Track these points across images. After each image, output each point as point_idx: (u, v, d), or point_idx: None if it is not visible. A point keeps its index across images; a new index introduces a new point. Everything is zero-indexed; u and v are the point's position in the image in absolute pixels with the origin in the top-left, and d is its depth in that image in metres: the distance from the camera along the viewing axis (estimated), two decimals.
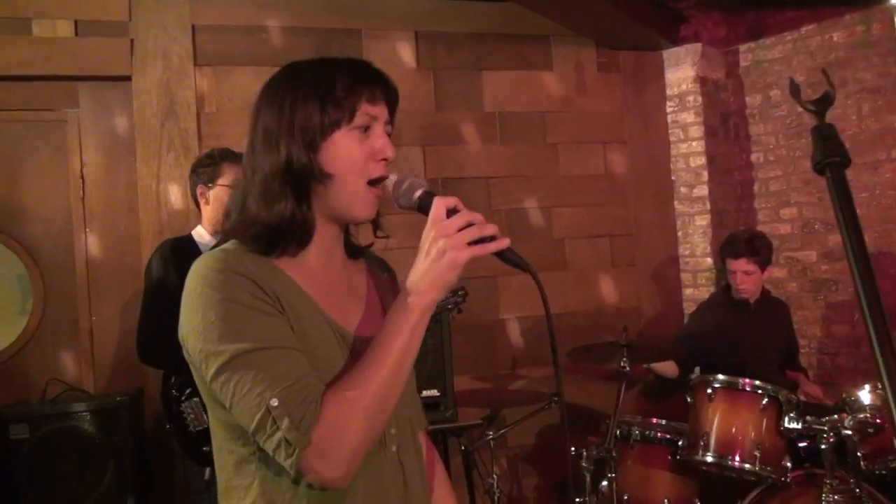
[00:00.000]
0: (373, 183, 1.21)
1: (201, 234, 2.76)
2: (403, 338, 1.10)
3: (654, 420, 3.29)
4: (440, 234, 1.09)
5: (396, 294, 1.17)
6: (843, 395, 2.73)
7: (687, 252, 4.44)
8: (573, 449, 3.07)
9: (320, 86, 1.18)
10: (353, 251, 1.35)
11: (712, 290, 4.32)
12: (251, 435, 1.08)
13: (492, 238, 1.10)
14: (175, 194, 3.47)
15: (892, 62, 3.96)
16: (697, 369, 3.52)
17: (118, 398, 3.11)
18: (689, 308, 4.37)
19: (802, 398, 3.51)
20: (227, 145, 3.41)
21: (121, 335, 3.47)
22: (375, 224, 1.30)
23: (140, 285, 3.33)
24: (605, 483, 2.89)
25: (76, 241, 3.50)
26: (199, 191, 2.73)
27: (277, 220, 1.16)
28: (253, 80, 3.64)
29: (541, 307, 1.16)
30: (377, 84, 1.22)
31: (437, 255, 1.09)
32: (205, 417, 2.52)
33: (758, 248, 3.46)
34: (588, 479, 2.97)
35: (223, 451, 1.19)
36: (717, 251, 4.30)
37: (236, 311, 1.09)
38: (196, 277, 1.13)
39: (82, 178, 3.51)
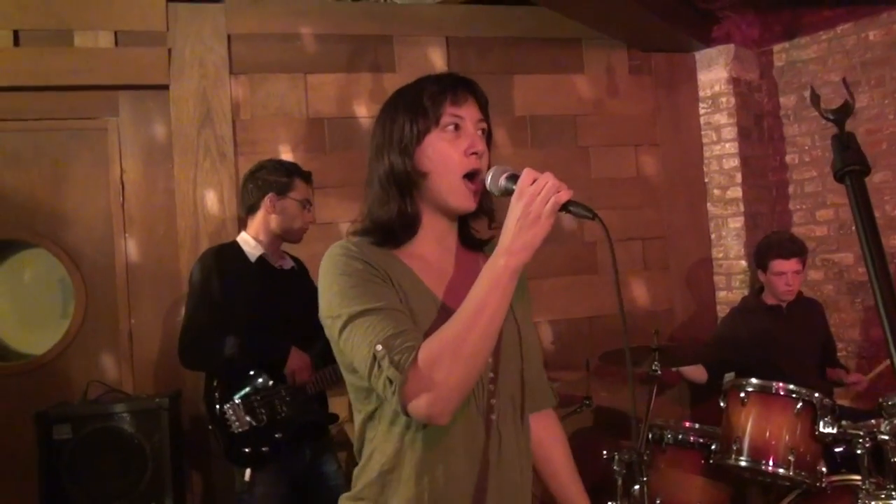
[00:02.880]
0: (468, 176, 1.37)
1: (247, 240, 2.74)
2: (495, 296, 1.22)
3: (687, 423, 3.27)
4: (529, 198, 1.22)
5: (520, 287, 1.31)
6: (880, 400, 2.68)
7: (720, 255, 4.40)
8: (605, 452, 3.07)
9: (412, 100, 1.39)
10: (472, 242, 1.50)
11: (746, 292, 4.28)
12: (366, 378, 1.25)
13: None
14: (211, 200, 3.55)
15: None
16: (731, 374, 3.48)
17: (157, 400, 3.18)
18: (722, 311, 4.33)
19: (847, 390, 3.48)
20: (261, 152, 3.52)
21: (159, 338, 3.56)
22: (490, 217, 1.46)
23: (178, 289, 3.45)
24: (636, 487, 2.88)
25: (116, 245, 3.59)
26: (269, 199, 2.71)
27: (388, 216, 1.38)
28: (287, 87, 3.72)
29: (568, 311, 1.21)
30: (460, 88, 1.39)
31: (526, 217, 1.21)
32: (247, 419, 2.57)
33: (805, 248, 3.45)
34: (620, 482, 2.96)
35: (356, 412, 1.40)
36: (750, 254, 4.26)
37: (352, 282, 1.30)
38: (325, 263, 1.36)
39: (122, 184, 3.60)
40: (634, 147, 4.30)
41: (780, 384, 2.71)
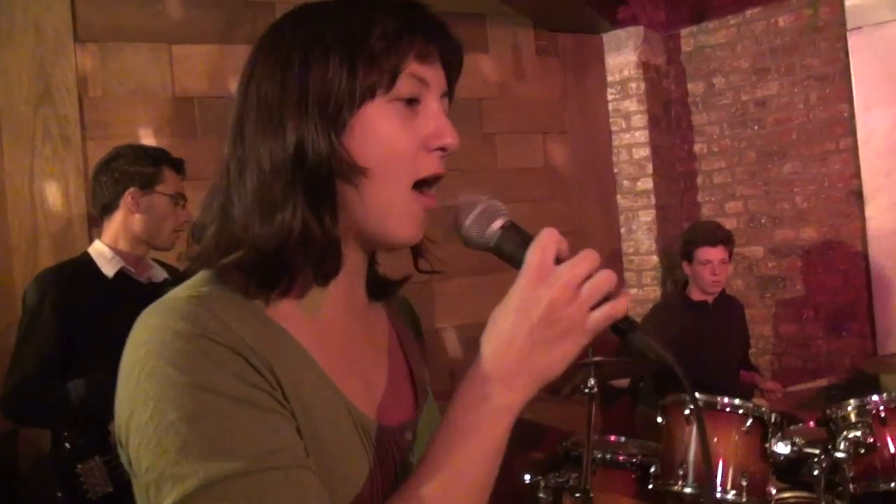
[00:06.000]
0: (422, 185, 0.82)
1: (101, 251, 2.20)
2: (485, 466, 0.73)
3: (613, 438, 2.99)
4: (563, 301, 0.72)
5: (421, 356, 0.84)
6: (827, 412, 2.48)
7: (631, 250, 4.17)
8: (527, 477, 2.73)
9: (348, 33, 0.78)
10: (379, 289, 0.94)
11: (657, 290, 4.07)
12: None
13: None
14: (53, 193, 2.91)
15: (840, 48, 3.79)
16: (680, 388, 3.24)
17: None
18: (633, 310, 4.10)
19: (760, 397, 3.32)
20: (116, 136, 2.91)
21: None
22: (416, 251, 0.91)
23: (11, 305, 2.79)
24: None
25: None
26: (130, 195, 2.19)
27: (280, 238, 0.76)
28: (147, 58, 3.11)
29: (477, 315, 0.76)
30: (432, 34, 0.81)
31: (552, 324, 0.72)
32: (109, 480, 2.03)
33: (731, 237, 3.31)
34: None
35: None
36: (662, 248, 4.06)
37: (212, 406, 0.68)
38: (147, 343, 0.71)
39: None
40: (542, 135, 3.98)
41: (727, 400, 2.44)
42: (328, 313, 0.83)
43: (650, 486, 2.55)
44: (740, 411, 2.42)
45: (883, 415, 2.43)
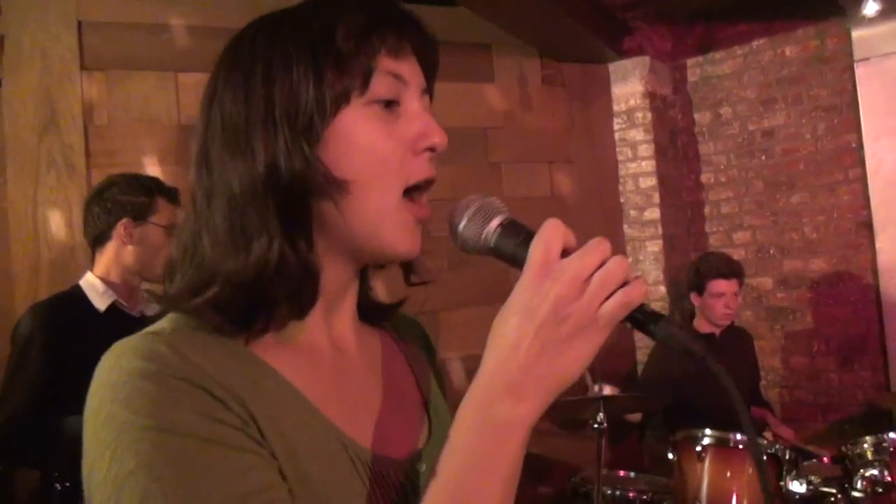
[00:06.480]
0: (413, 192, 0.75)
1: (93, 284, 2.13)
2: (500, 492, 0.64)
3: (623, 473, 2.92)
4: (571, 296, 0.63)
5: (438, 382, 0.78)
6: (843, 448, 2.42)
7: None
8: None
9: (310, 36, 0.71)
10: (374, 312, 0.88)
11: None
12: None
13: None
14: (56, 223, 2.88)
15: (847, 79, 3.78)
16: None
17: None
18: (640, 341, 4.05)
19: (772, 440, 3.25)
20: (121, 164, 2.89)
21: None
22: (407, 265, 0.83)
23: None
24: None
25: None
26: (123, 225, 2.12)
27: (257, 271, 0.69)
28: (153, 86, 3.10)
29: (483, 346, 0.68)
30: (404, 28, 0.75)
31: (560, 324, 0.63)
32: None
33: (743, 270, 3.30)
34: None
35: None
36: (669, 279, 4.01)
37: (174, 448, 0.61)
38: (101, 389, 0.64)
39: None
40: (548, 164, 3.96)
41: (738, 436, 2.38)
42: (317, 342, 0.77)
43: None
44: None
45: None
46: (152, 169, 2.96)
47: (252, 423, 0.65)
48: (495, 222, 0.72)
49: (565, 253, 0.66)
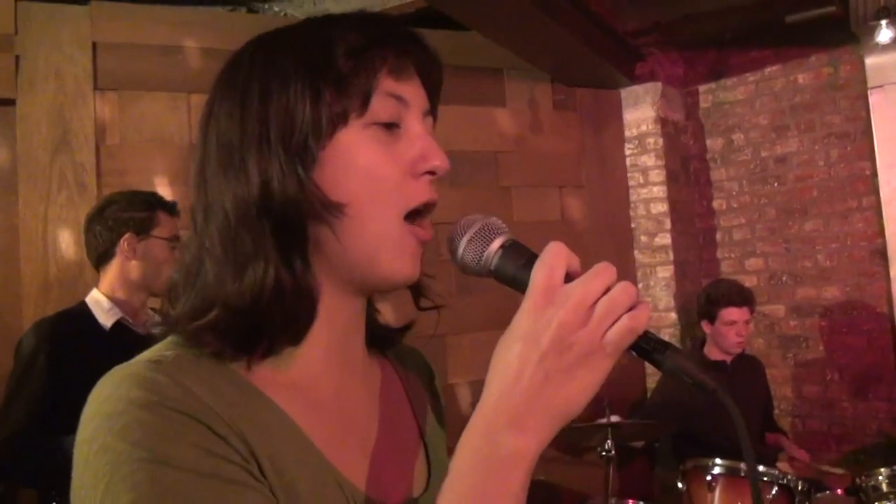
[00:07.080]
0: (415, 216, 0.73)
1: (98, 301, 2.13)
2: None
3: (632, 502, 2.87)
4: (576, 323, 0.61)
5: (437, 418, 0.75)
6: (857, 481, 2.37)
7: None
8: None
9: (309, 55, 0.69)
10: (380, 338, 0.85)
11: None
12: None
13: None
14: (66, 241, 2.89)
15: (861, 106, 3.76)
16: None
17: None
18: (650, 367, 4.00)
19: (786, 465, 3.19)
20: (132, 183, 2.89)
21: None
22: (415, 289, 0.81)
23: None
24: None
25: None
26: (126, 241, 2.13)
27: (254, 295, 0.67)
28: (165, 107, 3.12)
29: None
30: (406, 46, 0.73)
31: (564, 352, 0.61)
32: None
33: (754, 297, 3.26)
34: None
35: None
36: (680, 305, 3.97)
37: (171, 483, 0.58)
38: (96, 417, 0.61)
39: None
40: (559, 189, 3.94)
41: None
42: (318, 373, 0.73)
43: None
44: (765, 479, 2.32)
45: None
46: (163, 189, 2.97)
47: (252, 460, 0.63)
48: (496, 244, 0.70)
49: (569, 278, 0.64)
